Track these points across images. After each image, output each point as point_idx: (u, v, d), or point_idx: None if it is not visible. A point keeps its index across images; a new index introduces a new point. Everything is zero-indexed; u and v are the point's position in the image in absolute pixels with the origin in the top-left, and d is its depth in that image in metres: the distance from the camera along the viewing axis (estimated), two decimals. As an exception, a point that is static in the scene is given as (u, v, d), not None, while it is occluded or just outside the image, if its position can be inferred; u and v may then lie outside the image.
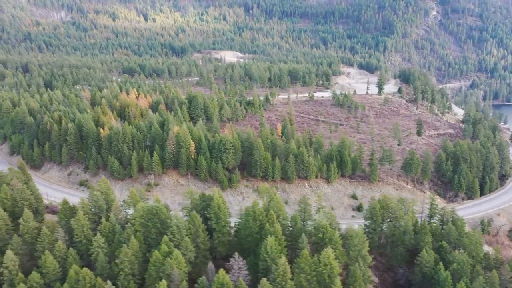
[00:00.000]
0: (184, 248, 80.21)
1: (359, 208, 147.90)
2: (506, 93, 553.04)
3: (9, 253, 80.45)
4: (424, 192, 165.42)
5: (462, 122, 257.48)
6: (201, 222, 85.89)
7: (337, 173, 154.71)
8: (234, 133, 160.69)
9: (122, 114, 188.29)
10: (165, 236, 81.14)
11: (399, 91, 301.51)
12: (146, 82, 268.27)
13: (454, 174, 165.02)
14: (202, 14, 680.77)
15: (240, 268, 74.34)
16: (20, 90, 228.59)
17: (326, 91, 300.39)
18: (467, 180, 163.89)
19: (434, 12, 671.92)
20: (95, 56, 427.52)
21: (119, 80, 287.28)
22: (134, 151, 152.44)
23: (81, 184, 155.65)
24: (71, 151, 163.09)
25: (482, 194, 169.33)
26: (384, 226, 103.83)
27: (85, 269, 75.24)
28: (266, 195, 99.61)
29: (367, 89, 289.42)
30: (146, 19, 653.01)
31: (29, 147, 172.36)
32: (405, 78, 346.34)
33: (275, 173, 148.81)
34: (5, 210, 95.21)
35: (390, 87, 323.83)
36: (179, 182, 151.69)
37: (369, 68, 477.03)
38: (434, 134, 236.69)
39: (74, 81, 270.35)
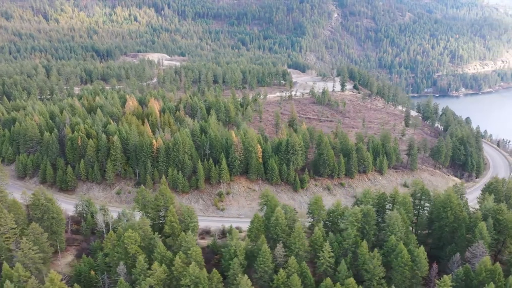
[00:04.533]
0: (411, 244, 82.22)
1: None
2: (404, 86, 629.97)
3: (245, 278, 73.05)
4: (448, 175, 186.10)
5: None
6: (405, 217, 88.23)
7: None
8: (287, 134, 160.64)
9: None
10: (392, 236, 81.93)
11: (355, 87, 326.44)
12: (120, 87, 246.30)
13: (466, 157, 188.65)
14: (110, 14, 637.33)
15: (483, 253, 79.36)
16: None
17: (292, 90, 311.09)
18: (476, 162, 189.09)
19: (336, 15, 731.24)
20: (10, 62, 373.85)
21: (80, 88, 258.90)
22: (199, 161, 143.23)
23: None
24: (116, 167, 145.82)
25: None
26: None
27: (351, 279, 72.76)
28: (415, 187, 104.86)
29: (333, 87, 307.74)
30: (46, 19, 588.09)
31: (52, 167, 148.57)
32: (350, 75, 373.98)
33: (340, 170, 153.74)
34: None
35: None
36: (250, 188, 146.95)
37: (297, 67, 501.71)
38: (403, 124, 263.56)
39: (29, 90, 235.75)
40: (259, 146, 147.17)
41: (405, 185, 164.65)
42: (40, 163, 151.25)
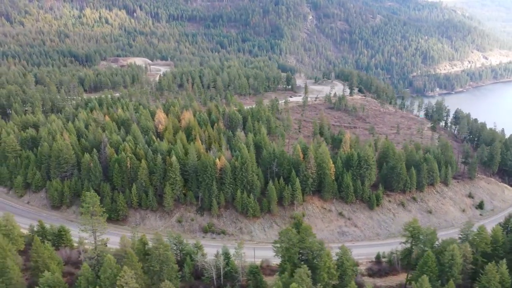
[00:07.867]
0: None
1: (481, 206, 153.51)
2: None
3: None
4: (500, 182, 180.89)
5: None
6: None
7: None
8: (349, 146, 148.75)
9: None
10: None
11: (361, 91, 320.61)
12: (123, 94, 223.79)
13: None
14: (79, 17, 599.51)
15: None
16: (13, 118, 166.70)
17: (300, 95, 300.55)
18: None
19: (310, 17, 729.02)
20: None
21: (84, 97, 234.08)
22: (270, 181, 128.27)
23: (206, 230, 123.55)
24: (175, 191, 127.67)
25: None
26: None
27: None
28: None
29: (343, 91, 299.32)
30: (10, 21, 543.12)
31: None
32: (344, 78, 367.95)
33: (412, 183, 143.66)
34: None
35: (341, 87, 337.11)
36: (325, 208, 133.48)
37: (284, 70, 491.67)
38: (427, 128, 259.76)
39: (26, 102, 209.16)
40: (332, 162, 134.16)
41: (470, 196, 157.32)
42: (79, 189, 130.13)
